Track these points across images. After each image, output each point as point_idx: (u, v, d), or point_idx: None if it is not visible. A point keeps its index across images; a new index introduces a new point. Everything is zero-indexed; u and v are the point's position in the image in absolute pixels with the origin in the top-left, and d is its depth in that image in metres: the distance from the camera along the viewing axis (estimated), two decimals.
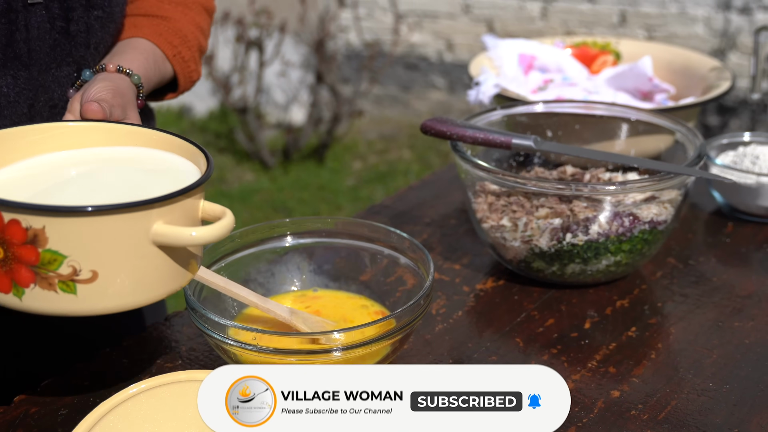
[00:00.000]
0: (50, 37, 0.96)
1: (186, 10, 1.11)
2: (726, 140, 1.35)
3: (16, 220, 0.70)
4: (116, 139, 0.87)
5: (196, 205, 0.77)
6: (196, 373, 0.83)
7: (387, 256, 1.04)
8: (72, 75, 1.00)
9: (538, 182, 1.06)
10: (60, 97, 0.99)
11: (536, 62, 1.56)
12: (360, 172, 3.98)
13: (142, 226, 0.73)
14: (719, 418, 0.88)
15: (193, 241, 0.74)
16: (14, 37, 0.93)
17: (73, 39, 0.98)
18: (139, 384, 0.81)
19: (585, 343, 1.01)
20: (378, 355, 0.90)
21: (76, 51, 0.99)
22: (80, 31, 0.98)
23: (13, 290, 0.73)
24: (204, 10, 1.14)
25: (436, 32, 4.34)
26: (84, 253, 0.72)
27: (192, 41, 1.09)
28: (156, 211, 0.73)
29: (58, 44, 0.97)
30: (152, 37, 1.05)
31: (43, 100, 0.98)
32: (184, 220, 0.75)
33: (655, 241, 1.09)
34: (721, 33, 3.68)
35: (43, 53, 0.96)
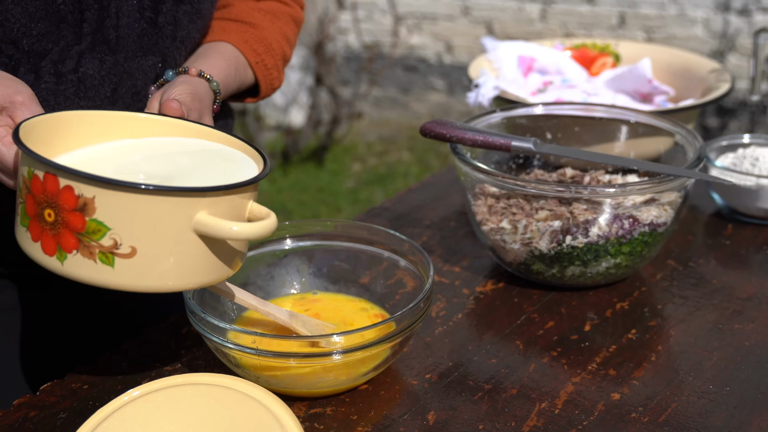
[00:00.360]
0: (138, 26, 1.00)
1: (274, 19, 1.14)
2: (725, 142, 1.35)
3: (70, 187, 0.74)
4: (189, 134, 0.91)
5: (243, 203, 0.80)
6: (195, 376, 0.83)
7: (387, 258, 1.03)
8: (156, 66, 1.03)
9: (537, 184, 1.05)
10: (143, 85, 1.02)
11: (535, 64, 1.56)
12: (359, 174, 3.98)
13: (186, 213, 0.75)
14: (719, 420, 0.88)
15: (232, 235, 0.76)
16: (104, 22, 0.97)
17: (161, 30, 1.01)
18: (139, 388, 0.81)
19: (585, 345, 1.01)
20: (378, 357, 0.90)
21: (162, 42, 1.02)
22: (168, 23, 1.02)
23: (57, 254, 0.76)
24: (292, 20, 1.18)
25: (435, 34, 4.34)
26: (126, 228, 0.74)
27: (276, 50, 1.12)
28: (202, 201, 0.75)
29: (145, 34, 1.00)
30: (238, 43, 1.09)
31: (127, 87, 1.01)
32: (229, 215, 0.77)
33: (654, 243, 1.09)
34: (720, 35, 3.68)
35: (131, 41, 1.00)
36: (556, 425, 0.88)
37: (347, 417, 0.89)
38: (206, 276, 0.81)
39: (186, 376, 0.83)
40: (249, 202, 0.81)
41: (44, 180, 0.75)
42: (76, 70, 0.97)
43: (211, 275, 0.81)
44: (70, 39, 0.96)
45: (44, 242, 0.77)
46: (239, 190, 0.78)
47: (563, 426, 0.87)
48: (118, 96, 1.01)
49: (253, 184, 0.80)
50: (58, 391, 0.93)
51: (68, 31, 0.95)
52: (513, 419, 0.88)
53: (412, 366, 0.97)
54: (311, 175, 3.96)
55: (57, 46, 0.95)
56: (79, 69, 0.97)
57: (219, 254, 0.80)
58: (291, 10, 1.18)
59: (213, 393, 0.80)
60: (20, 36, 0.93)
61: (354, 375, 0.90)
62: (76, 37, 0.96)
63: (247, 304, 0.94)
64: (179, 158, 0.87)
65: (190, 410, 0.79)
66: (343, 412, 0.90)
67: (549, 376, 0.95)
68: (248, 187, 0.79)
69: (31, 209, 0.77)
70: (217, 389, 0.81)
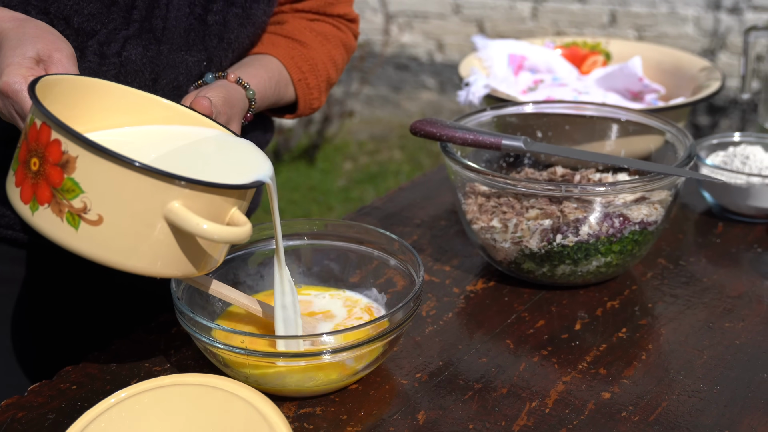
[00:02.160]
0: (187, 20, 1.01)
1: (325, 41, 1.16)
2: (716, 140, 1.35)
3: (58, 141, 0.75)
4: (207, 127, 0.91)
5: (224, 206, 0.79)
6: (184, 377, 0.82)
7: (377, 257, 1.03)
8: (201, 63, 1.04)
9: (528, 183, 1.05)
10: (185, 80, 1.03)
11: (526, 63, 1.56)
12: (351, 172, 3.98)
13: (160, 197, 0.75)
14: (710, 419, 0.88)
15: (199, 232, 0.75)
16: (153, 11, 0.99)
17: (209, 28, 1.03)
18: (127, 389, 0.81)
19: (575, 344, 1.00)
20: (368, 357, 0.90)
21: (209, 41, 1.03)
22: (216, 22, 1.03)
23: (30, 203, 0.77)
24: (342, 45, 1.19)
25: (426, 33, 4.33)
26: (99, 195, 0.75)
27: (321, 71, 1.14)
28: (179, 190, 0.75)
29: (192, 29, 1.02)
30: (284, 59, 1.10)
31: (168, 79, 1.02)
32: (205, 213, 0.77)
33: (645, 241, 1.09)
34: (710, 33, 3.69)
35: (177, 34, 1.01)
36: (547, 424, 0.87)
37: (337, 417, 0.88)
38: (167, 267, 0.80)
39: (175, 377, 0.82)
40: (232, 207, 0.80)
41: (39, 129, 0.76)
42: (119, 53, 0.99)
43: (173, 268, 0.80)
44: (118, 23, 0.98)
45: (23, 189, 0.78)
46: (221, 191, 0.78)
47: (553, 425, 0.87)
48: (158, 87, 1.02)
49: (238, 191, 0.79)
50: (47, 392, 0.92)
51: (118, 14, 0.98)
52: (503, 418, 0.88)
53: (402, 365, 0.96)
54: (302, 174, 3.96)
55: (105, 28, 0.98)
56: (122, 53, 0.99)
57: (185, 249, 0.79)
58: (343, 36, 1.19)
59: (202, 393, 0.80)
60: (72, 13, 0.95)
61: (344, 374, 0.89)
62: (125, 21, 0.98)
63: (238, 303, 0.94)
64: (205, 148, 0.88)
65: (178, 411, 0.79)
66: (332, 411, 0.89)
67: (539, 375, 0.95)
68: (232, 191, 0.79)
69: (23, 155, 0.78)
70: (206, 389, 0.80)
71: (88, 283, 1.11)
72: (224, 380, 0.81)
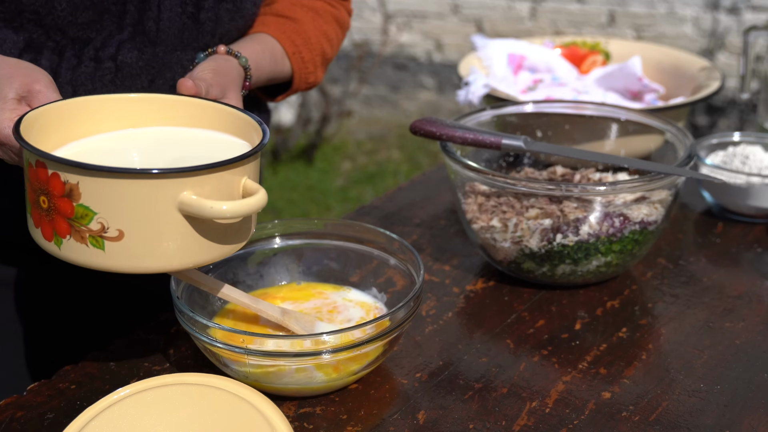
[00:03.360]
0: (180, 20, 1.01)
1: (316, 16, 1.15)
2: (716, 140, 1.35)
3: (56, 174, 0.75)
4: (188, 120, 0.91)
5: (234, 181, 0.79)
6: (184, 376, 0.82)
7: (376, 257, 1.03)
8: (195, 60, 1.04)
9: (528, 183, 1.05)
10: None
11: (526, 62, 1.56)
12: (349, 172, 3.97)
13: (167, 194, 0.75)
14: (710, 419, 0.88)
15: (214, 214, 0.76)
16: (145, 14, 0.99)
17: (201, 26, 1.03)
18: (126, 388, 0.81)
19: (576, 344, 1.00)
20: (369, 356, 0.89)
21: (203, 38, 1.04)
22: (209, 19, 1.03)
23: (54, 239, 0.78)
24: (334, 21, 1.18)
25: (425, 32, 4.33)
26: (111, 211, 0.75)
27: (315, 45, 1.13)
28: (183, 181, 0.75)
29: (186, 29, 1.02)
30: (276, 34, 1.10)
31: (165, 79, 1.03)
32: (217, 194, 0.77)
33: (645, 241, 1.09)
34: (709, 33, 3.69)
35: (171, 35, 1.01)
36: (547, 424, 0.87)
37: (337, 416, 0.88)
38: (204, 254, 0.80)
39: (175, 376, 0.82)
40: (241, 178, 0.80)
41: (36, 167, 0.77)
42: (114, 57, 0.99)
43: (207, 254, 0.81)
44: (112, 29, 0.99)
45: (43, 228, 0.79)
46: (220, 168, 0.78)
47: (554, 425, 0.87)
48: (155, 87, 1.02)
49: (240, 161, 0.79)
50: (45, 392, 0.92)
51: (110, 21, 0.98)
52: (503, 418, 0.88)
53: (402, 365, 0.96)
54: (301, 174, 3.96)
55: (100, 35, 0.98)
56: (117, 57, 0.99)
57: (210, 233, 0.79)
58: (335, 11, 1.18)
59: (202, 393, 0.80)
60: (67, 24, 0.96)
61: (344, 374, 0.89)
62: (118, 27, 0.99)
63: (239, 302, 0.94)
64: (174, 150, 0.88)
65: (178, 410, 0.79)
66: (332, 411, 0.89)
67: (539, 374, 0.95)
68: (234, 164, 0.79)
69: (31, 196, 0.79)
70: (206, 389, 0.80)
71: (86, 282, 1.11)
72: (225, 380, 0.81)
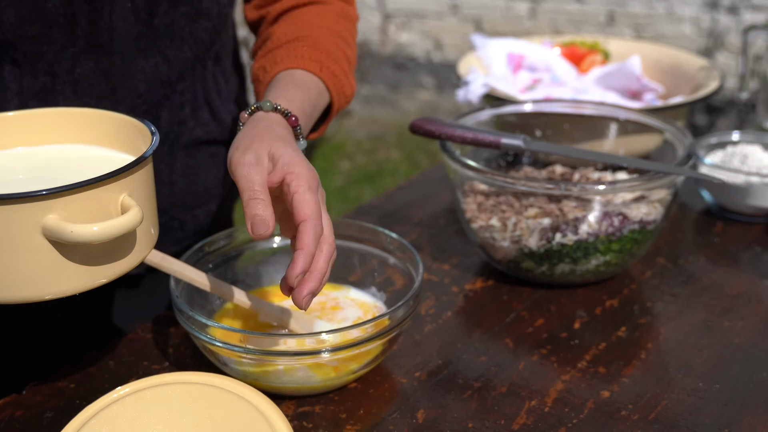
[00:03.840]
0: (134, 28, 0.97)
1: (318, 21, 1.04)
2: (715, 140, 1.35)
3: None
4: (77, 136, 0.87)
5: (106, 199, 0.73)
6: (183, 375, 0.82)
7: (376, 256, 1.03)
8: (159, 67, 1.01)
9: (527, 182, 1.05)
10: (146, 88, 1.01)
11: (525, 61, 1.56)
12: (348, 172, 3.97)
13: (30, 219, 0.70)
14: (709, 418, 0.88)
15: (74, 238, 0.70)
16: (97, 25, 0.96)
17: (157, 32, 0.99)
18: (125, 387, 0.80)
19: (575, 343, 1.00)
20: (368, 355, 0.89)
21: (161, 43, 1.00)
22: (165, 25, 0.99)
23: None
24: (339, 17, 1.07)
25: (424, 32, 4.33)
26: None
27: (336, 53, 1.02)
28: (45, 204, 0.70)
29: (141, 36, 0.98)
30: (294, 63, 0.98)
31: (126, 89, 1.00)
32: (87, 215, 0.72)
33: (644, 240, 1.09)
34: (708, 33, 3.69)
35: (126, 43, 0.98)
36: (546, 423, 0.87)
37: (336, 415, 0.88)
38: (80, 280, 0.74)
39: (174, 375, 0.82)
40: (118, 196, 0.74)
41: None
42: (71, 71, 0.96)
43: (87, 278, 0.74)
44: (63, 41, 0.95)
45: None
46: (90, 187, 0.71)
47: (553, 424, 0.87)
48: (118, 97, 1.00)
49: (109, 179, 0.72)
50: (45, 390, 0.92)
51: (60, 33, 0.94)
52: (503, 417, 0.88)
53: (402, 364, 0.96)
54: None
55: (52, 48, 0.95)
56: (74, 70, 0.96)
57: (86, 257, 0.73)
58: (333, 8, 1.08)
59: (201, 392, 0.80)
60: (16, 38, 0.93)
61: (343, 372, 0.89)
62: (70, 39, 0.95)
63: (239, 301, 0.94)
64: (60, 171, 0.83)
65: (177, 409, 0.79)
66: (332, 410, 0.89)
67: (539, 374, 0.95)
68: (103, 182, 0.72)
69: None
70: (205, 388, 0.80)
71: None
72: (224, 379, 0.81)
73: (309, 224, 0.77)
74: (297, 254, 0.76)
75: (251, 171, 0.79)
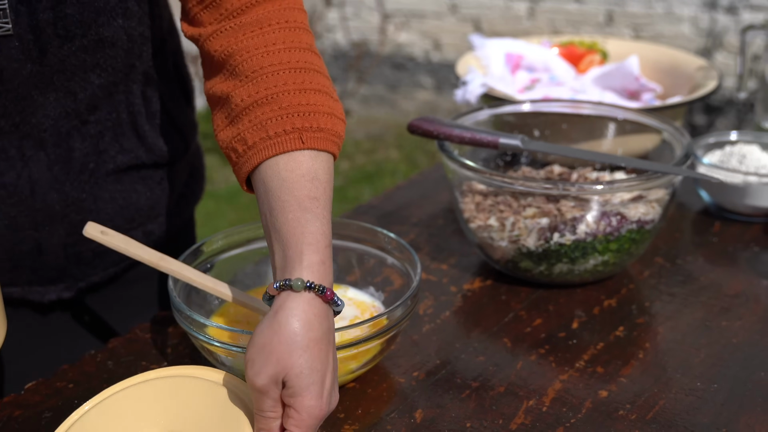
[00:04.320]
0: (24, 68, 0.92)
1: (276, 70, 0.85)
2: (713, 139, 1.35)
3: None
4: None
5: None
6: (167, 370, 0.83)
7: (374, 256, 1.03)
8: (61, 101, 0.96)
9: (525, 182, 1.05)
10: (51, 122, 0.96)
11: (523, 61, 1.56)
12: (347, 172, 3.97)
13: None
14: (707, 417, 0.88)
15: None
16: None
17: (51, 68, 0.93)
18: (121, 383, 0.81)
19: (573, 343, 1.00)
20: (366, 355, 0.90)
21: (58, 79, 0.94)
22: (58, 60, 0.93)
23: None
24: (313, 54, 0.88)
25: (423, 32, 4.33)
26: None
27: (313, 104, 0.85)
28: None
29: (34, 74, 0.93)
30: (276, 147, 0.82)
31: (31, 124, 0.95)
32: None
33: (642, 240, 1.09)
34: (707, 32, 3.69)
35: (19, 82, 0.93)
36: (544, 423, 0.87)
37: (334, 415, 0.88)
38: None
39: (159, 371, 0.82)
40: None
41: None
42: None
43: None
44: None
45: None
46: None
47: (551, 423, 0.87)
48: (23, 131, 0.95)
49: None
50: (43, 390, 0.92)
51: None
52: (501, 417, 0.88)
53: (400, 364, 0.96)
54: None
55: None
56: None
57: None
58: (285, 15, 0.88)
59: (184, 385, 0.80)
60: None
61: (341, 372, 0.89)
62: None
63: (237, 301, 0.94)
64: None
65: (170, 403, 0.79)
66: None
67: (537, 373, 0.95)
68: None
69: None
70: (189, 380, 0.80)
71: None
72: (208, 370, 0.81)
73: None
74: None
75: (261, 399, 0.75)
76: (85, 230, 0.89)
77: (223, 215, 3.52)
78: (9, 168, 0.97)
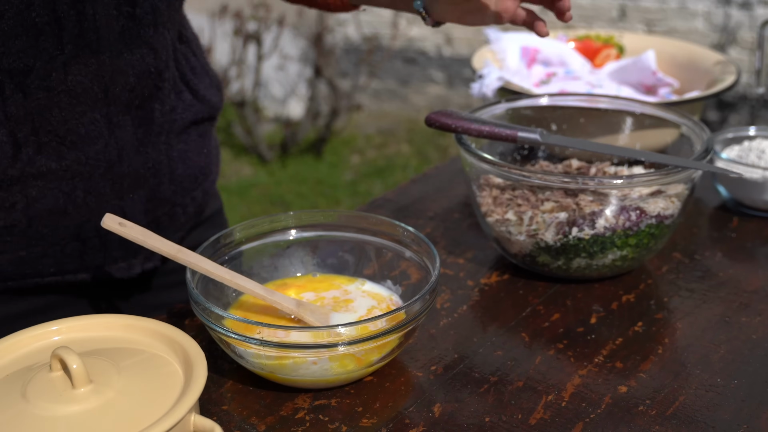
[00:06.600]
0: (117, 23, 0.96)
1: None
2: (731, 134, 1.34)
3: None
4: None
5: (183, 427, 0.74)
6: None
7: (392, 249, 1.03)
8: (147, 58, 1.00)
9: (543, 175, 1.04)
10: (136, 82, 1.00)
11: (539, 55, 1.55)
12: (358, 166, 3.97)
13: None
14: (728, 414, 0.87)
15: None
16: (84, 26, 0.94)
17: (140, 22, 0.98)
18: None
19: (591, 338, 1.00)
20: (384, 349, 0.89)
21: (145, 33, 0.99)
22: (146, 13, 0.98)
23: None
24: None
25: None
26: None
27: None
28: None
29: (126, 29, 0.97)
30: None
31: (120, 85, 0.98)
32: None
33: (661, 235, 1.08)
34: (721, 28, 3.68)
35: (113, 39, 0.96)
36: (563, 418, 0.87)
37: (352, 409, 0.88)
38: None
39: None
40: (191, 416, 0.75)
41: None
42: (64, 80, 0.94)
43: None
44: (52, 51, 0.92)
45: None
46: None
47: (570, 419, 0.87)
48: (112, 96, 0.98)
49: None
50: None
51: (48, 43, 0.92)
52: (519, 412, 0.88)
53: (418, 358, 0.96)
54: (310, 167, 3.95)
55: (40, 61, 0.92)
56: (67, 79, 0.94)
57: None
58: None
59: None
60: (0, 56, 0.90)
61: (359, 366, 0.89)
62: (58, 47, 0.92)
63: (254, 293, 0.93)
64: None
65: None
66: (348, 403, 0.89)
67: (555, 368, 0.95)
68: None
69: None
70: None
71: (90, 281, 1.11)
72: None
73: None
74: None
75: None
76: (104, 222, 0.89)
77: (234, 209, 3.52)
78: (98, 137, 0.98)
